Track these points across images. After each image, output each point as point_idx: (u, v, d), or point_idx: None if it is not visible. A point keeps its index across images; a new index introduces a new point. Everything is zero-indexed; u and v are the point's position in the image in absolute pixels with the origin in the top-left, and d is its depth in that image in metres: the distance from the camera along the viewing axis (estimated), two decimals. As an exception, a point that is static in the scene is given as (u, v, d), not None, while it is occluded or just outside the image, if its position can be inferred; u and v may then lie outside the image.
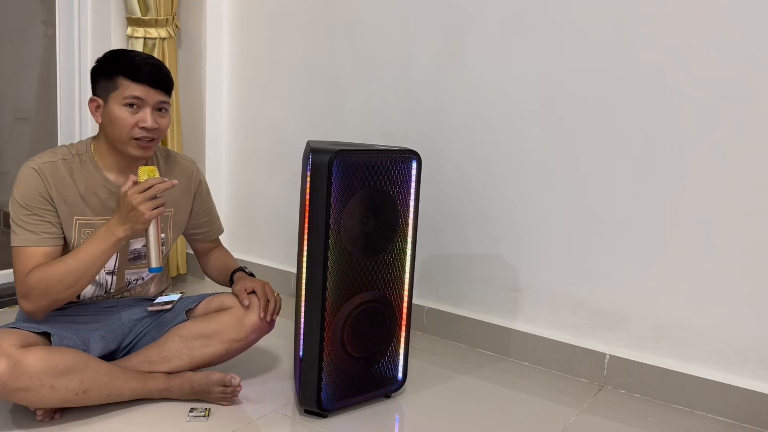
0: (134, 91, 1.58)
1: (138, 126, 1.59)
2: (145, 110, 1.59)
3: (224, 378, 1.66)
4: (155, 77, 1.60)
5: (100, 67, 1.63)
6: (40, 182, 1.58)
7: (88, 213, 1.63)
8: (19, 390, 1.43)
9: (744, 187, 1.74)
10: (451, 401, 1.83)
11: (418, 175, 1.71)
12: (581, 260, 2.00)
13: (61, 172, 1.61)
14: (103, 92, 1.61)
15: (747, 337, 1.77)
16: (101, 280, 1.69)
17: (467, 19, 2.13)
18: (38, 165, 1.59)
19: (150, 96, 1.59)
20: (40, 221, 1.57)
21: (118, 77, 1.58)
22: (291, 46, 2.57)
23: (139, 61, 1.60)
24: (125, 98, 1.58)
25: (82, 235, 1.63)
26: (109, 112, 1.59)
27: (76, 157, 1.64)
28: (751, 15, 1.68)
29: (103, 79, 1.62)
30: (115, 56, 1.63)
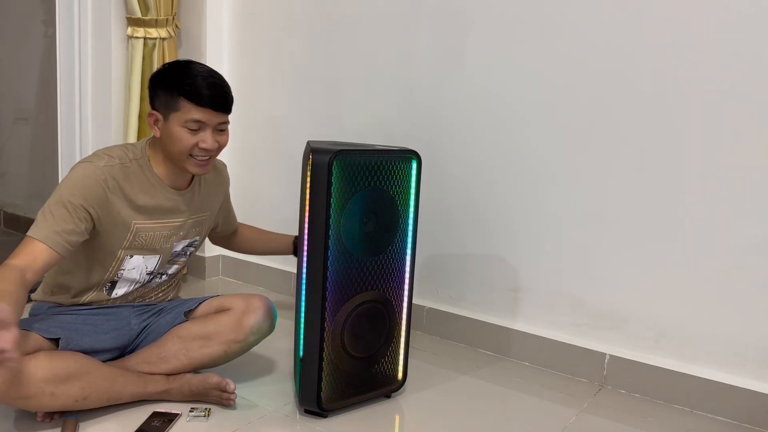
0: (196, 115, 1.56)
1: (198, 146, 1.59)
2: (206, 131, 1.59)
3: (221, 382, 1.66)
4: (217, 100, 1.58)
5: (160, 80, 1.61)
6: (101, 186, 1.55)
7: (142, 217, 1.63)
8: (20, 398, 1.43)
9: (744, 187, 1.74)
10: (451, 401, 1.83)
11: (418, 175, 1.71)
12: (581, 260, 2.00)
13: (121, 175, 1.59)
14: (162, 108, 1.60)
15: (747, 337, 1.77)
16: (140, 278, 1.71)
17: (467, 20, 2.12)
18: (101, 167, 1.55)
19: (211, 119, 1.59)
20: (69, 223, 1.50)
21: (180, 98, 1.56)
22: (291, 46, 2.57)
23: (201, 82, 1.57)
24: (186, 122, 1.57)
25: (137, 238, 1.64)
26: (169, 130, 1.58)
27: (134, 162, 1.63)
28: (751, 15, 1.68)
29: (163, 95, 1.59)
30: (176, 72, 1.60)
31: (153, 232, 1.66)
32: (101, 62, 2.59)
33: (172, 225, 1.70)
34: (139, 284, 1.72)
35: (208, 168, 1.66)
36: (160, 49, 2.52)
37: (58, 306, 1.68)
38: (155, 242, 1.68)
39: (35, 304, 1.71)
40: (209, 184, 1.81)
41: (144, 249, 1.67)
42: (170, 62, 1.67)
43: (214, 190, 1.83)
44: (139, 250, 1.66)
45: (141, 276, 1.71)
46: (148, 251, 1.68)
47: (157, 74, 1.64)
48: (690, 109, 1.79)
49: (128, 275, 1.69)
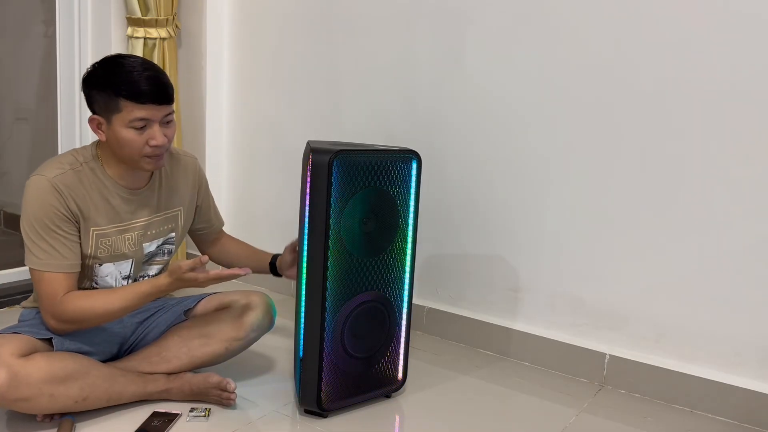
0: (140, 113, 1.50)
1: (148, 144, 1.53)
2: (153, 127, 1.53)
3: (221, 382, 1.66)
4: (158, 94, 1.52)
5: (93, 81, 1.53)
6: (58, 198, 1.51)
7: (102, 222, 1.59)
8: (19, 400, 1.43)
9: (744, 187, 1.74)
10: (451, 401, 1.83)
11: (418, 175, 1.71)
12: (581, 260, 2.00)
13: (74, 182, 1.54)
14: (103, 112, 1.53)
15: (747, 337, 1.77)
16: (117, 284, 1.66)
17: (467, 20, 2.12)
18: (52, 179, 1.51)
19: (155, 114, 1.52)
20: (65, 242, 1.52)
21: (119, 99, 1.49)
22: (291, 46, 2.57)
23: (137, 78, 1.49)
24: (131, 121, 1.50)
25: (99, 245, 1.60)
26: (115, 133, 1.52)
27: (85, 165, 1.57)
28: (751, 15, 1.68)
29: (100, 98, 1.52)
30: (109, 71, 1.52)
31: (115, 236, 1.61)
32: (101, 62, 2.58)
33: (137, 225, 1.65)
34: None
35: (162, 161, 1.59)
36: (160, 49, 2.52)
37: None
38: (121, 247, 1.63)
39: (24, 310, 1.68)
40: (173, 178, 1.73)
41: (111, 256, 1.62)
42: (99, 61, 1.56)
43: (181, 183, 1.76)
44: (107, 258, 1.62)
45: (117, 282, 1.66)
46: (117, 257, 1.63)
47: (89, 75, 1.54)
48: (690, 109, 1.79)
49: (104, 282, 1.65)
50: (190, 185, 1.78)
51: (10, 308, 2.36)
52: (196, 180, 1.81)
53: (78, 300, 1.53)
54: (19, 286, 2.42)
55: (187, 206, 1.79)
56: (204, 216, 1.87)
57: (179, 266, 1.53)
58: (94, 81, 1.53)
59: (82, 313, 1.52)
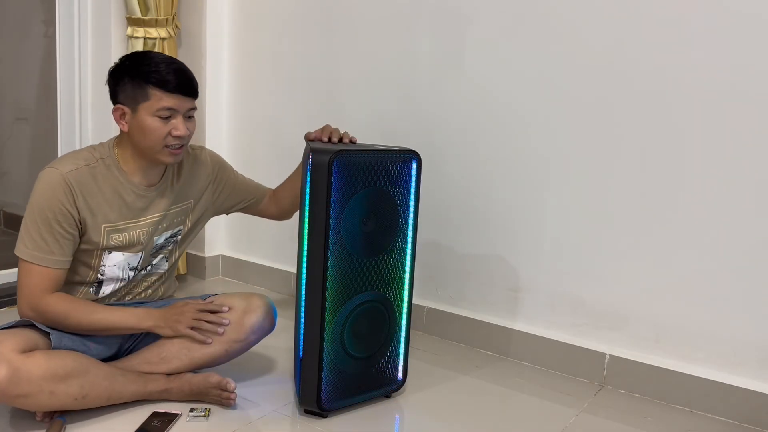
0: (167, 102, 1.55)
1: (171, 135, 1.58)
2: (177, 119, 1.58)
3: (221, 381, 1.66)
4: (186, 85, 1.58)
5: (122, 72, 1.58)
6: (67, 194, 1.54)
7: (113, 218, 1.62)
8: (19, 396, 1.43)
9: (744, 187, 1.74)
10: (451, 401, 1.83)
11: (418, 175, 1.71)
12: (581, 260, 2.00)
13: (86, 178, 1.57)
14: (129, 101, 1.57)
15: (747, 337, 1.77)
16: (124, 275, 1.70)
17: (467, 20, 2.12)
18: (65, 174, 1.54)
19: (182, 105, 1.58)
20: (60, 239, 1.55)
21: (148, 87, 1.54)
22: (291, 46, 2.57)
23: (166, 68, 1.55)
24: (158, 110, 1.55)
25: (110, 240, 1.63)
26: (140, 122, 1.56)
27: (100, 162, 1.61)
28: (751, 15, 1.68)
29: (128, 87, 1.56)
30: (139, 62, 1.57)
31: (127, 232, 1.65)
32: (101, 62, 2.58)
33: (150, 221, 1.69)
34: (124, 281, 1.71)
35: (181, 155, 1.64)
36: (160, 49, 2.52)
37: None
38: (133, 240, 1.66)
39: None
40: (187, 172, 1.77)
41: (122, 247, 1.66)
42: (128, 54, 1.63)
43: (195, 177, 1.79)
44: (118, 248, 1.66)
45: (124, 273, 1.70)
46: (128, 248, 1.67)
47: (118, 67, 1.60)
48: (690, 109, 1.79)
49: (110, 273, 1.67)
50: (203, 177, 1.82)
51: (11, 308, 2.36)
52: (208, 170, 1.83)
53: (62, 301, 1.57)
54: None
55: (201, 198, 1.81)
56: (243, 194, 1.93)
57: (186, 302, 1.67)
58: (124, 70, 1.58)
59: (64, 313, 1.56)
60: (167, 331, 1.65)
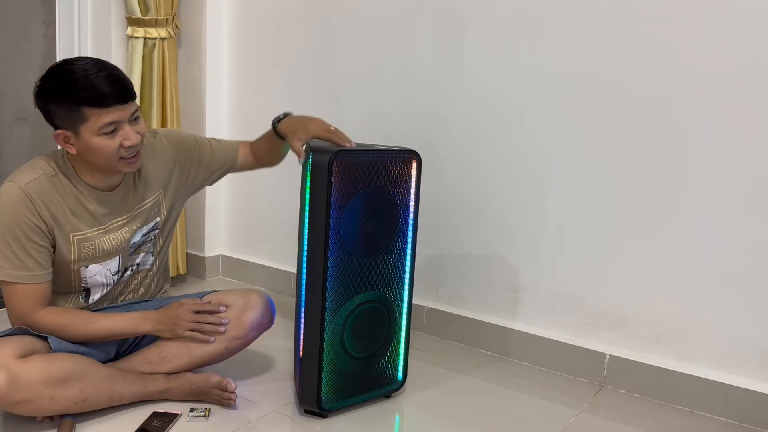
0: (107, 118, 1.45)
1: (123, 146, 1.50)
2: (124, 128, 1.49)
3: (222, 382, 1.66)
4: (121, 93, 1.46)
5: (48, 95, 1.46)
6: (29, 206, 1.49)
7: (81, 227, 1.58)
8: (19, 402, 1.43)
9: (744, 187, 1.74)
10: (451, 401, 1.83)
11: (418, 175, 1.71)
12: (581, 260, 2.00)
13: (47, 188, 1.52)
14: (68, 125, 1.47)
15: (747, 337, 1.77)
16: (108, 281, 1.68)
17: (467, 20, 2.12)
18: (23, 186, 1.49)
19: (123, 114, 1.48)
20: (33, 253, 1.50)
21: (82, 108, 1.43)
22: (291, 46, 2.57)
23: (95, 81, 1.43)
24: (101, 128, 1.46)
25: (83, 249, 1.60)
26: (86, 143, 1.48)
27: (58, 170, 1.55)
28: (751, 15, 1.68)
29: (61, 111, 1.46)
30: (63, 81, 1.44)
31: (97, 239, 1.61)
32: (101, 62, 2.58)
33: (118, 224, 1.65)
34: (110, 285, 1.69)
35: (139, 161, 1.57)
36: (160, 49, 2.52)
37: None
38: (105, 246, 1.63)
39: None
40: (146, 164, 1.68)
41: (96, 257, 1.62)
42: (46, 72, 1.48)
43: (156, 165, 1.71)
44: (91, 260, 1.62)
45: (107, 279, 1.67)
46: (102, 257, 1.63)
47: (41, 90, 1.47)
48: (690, 110, 1.79)
49: (93, 281, 1.65)
50: (165, 162, 1.73)
51: (10, 308, 2.36)
52: (168, 153, 1.74)
53: (59, 318, 1.56)
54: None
55: (169, 184, 1.75)
56: (214, 163, 1.82)
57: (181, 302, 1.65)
58: (49, 94, 1.47)
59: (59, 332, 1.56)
60: (166, 334, 1.65)
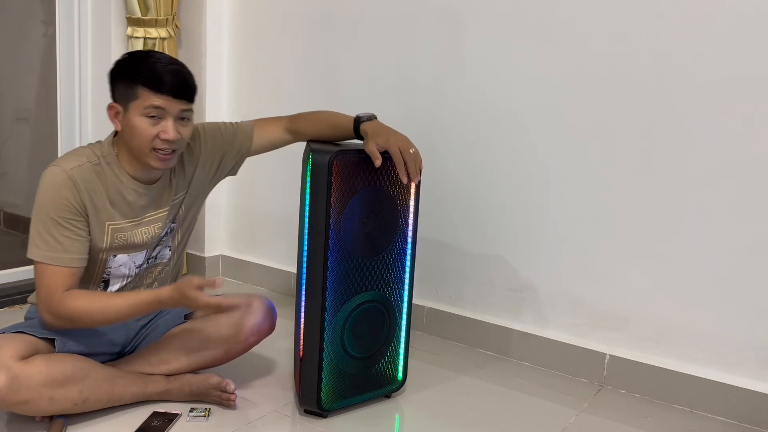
0: (155, 101, 1.50)
1: (159, 137, 1.53)
2: (167, 121, 1.53)
3: (221, 382, 1.66)
4: (178, 86, 1.53)
5: (118, 70, 1.56)
6: (72, 191, 1.51)
7: (117, 217, 1.60)
8: (19, 403, 1.43)
9: (744, 187, 1.74)
10: (451, 401, 1.83)
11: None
12: (581, 260, 2.00)
13: (90, 176, 1.54)
14: (122, 99, 1.54)
15: (747, 337, 1.77)
16: (130, 272, 1.67)
17: (467, 20, 2.12)
18: (69, 171, 1.52)
19: (172, 106, 1.52)
20: (71, 236, 1.52)
21: (138, 86, 1.51)
22: (291, 46, 2.57)
23: (160, 69, 1.51)
24: (146, 109, 1.51)
25: (115, 239, 1.60)
26: (129, 121, 1.53)
27: (102, 160, 1.58)
28: (751, 15, 1.68)
29: (122, 85, 1.54)
30: (135, 61, 1.55)
31: (131, 230, 1.62)
32: (101, 62, 2.59)
33: (152, 218, 1.66)
34: (130, 278, 1.69)
35: (170, 163, 1.58)
36: (159, 49, 2.52)
37: None
38: (136, 239, 1.64)
39: (30, 307, 1.68)
40: (187, 163, 1.71)
41: (126, 248, 1.63)
42: (129, 52, 1.60)
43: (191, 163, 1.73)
44: (121, 249, 1.63)
45: (130, 270, 1.67)
46: (132, 249, 1.64)
47: (116, 65, 1.57)
48: (690, 111, 1.79)
49: (117, 272, 1.65)
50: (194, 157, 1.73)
51: (11, 308, 2.36)
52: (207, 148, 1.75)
53: (77, 300, 1.52)
54: (19, 286, 2.42)
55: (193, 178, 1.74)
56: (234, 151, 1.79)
57: (189, 281, 1.52)
58: (119, 69, 1.56)
59: (79, 313, 1.52)
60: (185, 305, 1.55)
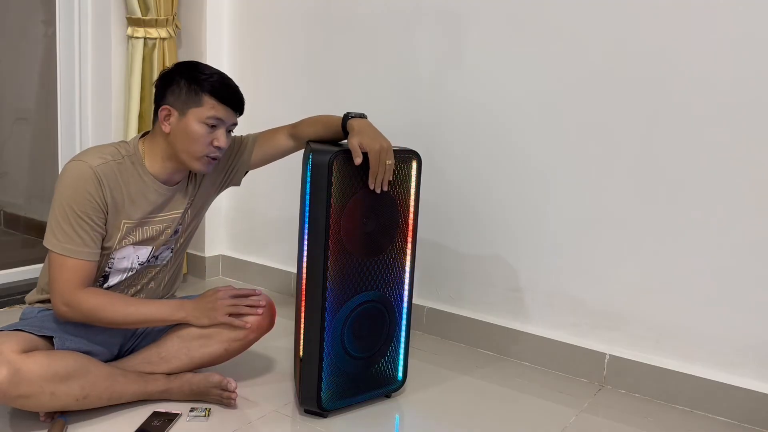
0: (219, 112, 1.59)
1: (213, 144, 1.61)
2: (221, 130, 1.62)
3: (222, 381, 1.66)
4: (237, 101, 1.64)
5: (177, 75, 1.61)
6: (97, 186, 1.55)
7: (134, 216, 1.63)
8: (20, 397, 1.43)
9: (744, 187, 1.74)
10: (451, 401, 1.83)
11: (418, 175, 1.71)
12: (581, 260, 2.00)
13: (113, 173, 1.58)
14: (179, 104, 1.59)
15: (747, 337, 1.77)
16: (132, 265, 1.69)
17: (467, 21, 2.12)
18: (94, 167, 1.55)
19: (230, 117, 1.63)
20: (90, 232, 1.55)
21: (204, 94, 1.58)
22: (291, 46, 2.57)
23: (221, 80, 1.61)
24: (209, 118, 1.59)
25: (127, 236, 1.63)
26: (186, 126, 1.59)
27: (126, 159, 1.62)
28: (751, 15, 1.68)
29: (182, 90, 1.59)
30: (197, 70, 1.62)
31: (145, 227, 1.66)
32: (101, 62, 2.59)
33: (170, 217, 1.70)
34: (131, 272, 1.70)
35: (211, 167, 1.67)
36: (160, 49, 2.52)
37: (48, 310, 1.66)
38: (147, 235, 1.67)
39: (26, 308, 1.70)
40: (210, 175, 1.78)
41: (135, 243, 1.66)
42: (182, 61, 1.67)
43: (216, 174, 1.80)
44: (131, 243, 1.66)
45: (132, 264, 1.69)
46: (141, 243, 1.67)
47: (173, 70, 1.63)
48: (690, 110, 1.79)
49: (119, 265, 1.67)
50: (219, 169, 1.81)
51: (10, 308, 2.36)
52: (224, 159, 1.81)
53: (96, 296, 1.57)
54: (19, 286, 2.42)
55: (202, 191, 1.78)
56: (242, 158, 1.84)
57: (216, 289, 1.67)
58: (180, 73, 1.62)
59: (97, 311, 1.57)
60: (204, 321, 1.67)
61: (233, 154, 1.83)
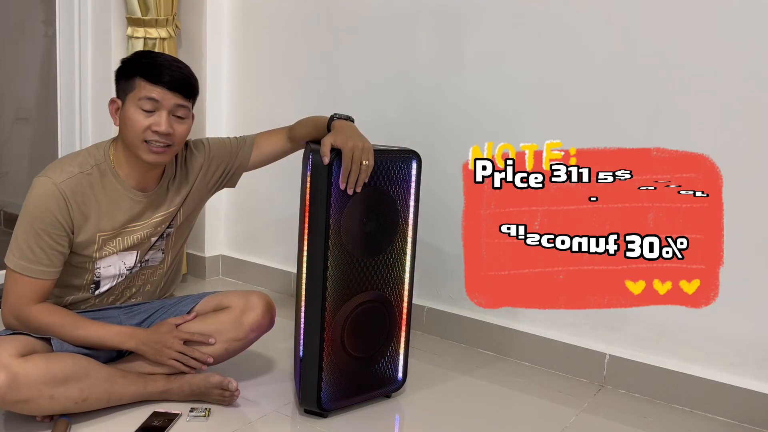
0: (150, 92, 1.52)
1: (151, 129, 1.53)
2: (160, 113, 1.54)
3: (222, 381, 1.66)
4: (174, 79, 1.54)
5: (122, 67, 1.59)
6: (61, 205, 1.52)
7: (108, 227, 1.60)
8: (19, 401, 1.43)
9: (744, 187, 1.74)
10: (451, 401, 1.83)
11: (418, 175, 1.71)
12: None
13: (81, 187, 1.55)
14: (122, 93, 1.57)
15: (747, 337, 1.77)
16: (120, 272, 1.67)
17: (467, 21, 2.12)
18: (59, 184, 1.52)
19: (167, 99, 1.54)
20: (47, 250, 1.52)
21: (136, 78, 1.53)
22: (291, 46, 2.57)
23: (159, 62, 1.55)
24: (140, 99, 1.52)
25: (104, 247, 1.61)
26: (125, 113, 1.55)
27: (95, 168, 1.58)
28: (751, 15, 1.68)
29: (123, 80, 1.57)
30: (137, 56, 1.60)
31: (123, 236, 1.63)
32: (101, 62, 2.59)
33: (147, 224, 1.66)
34: (121, 278, 1.69)
35: (162, 158, 1.57)
36: (160, 49, 2.52)
37: None
38: (128, 243, 1.65)
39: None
40: (186, 172, 1.73)
41: (116, 252, 1.64)
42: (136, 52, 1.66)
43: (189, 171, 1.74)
44: (112, 253, 1.64)
45: (120, 270, 1.68)
46: (123, 251, 1.65)
47: (120, 63, 1.61)
48: (690, 110, 1.79)
49: (106, 272, 1.66)
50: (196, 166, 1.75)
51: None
52: (201, 158, 1.76)
53: (49, 317, 1.56)
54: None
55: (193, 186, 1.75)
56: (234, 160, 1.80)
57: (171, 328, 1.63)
58: (122, 64, 1.59)
59: (46, 331, 1.55)
60: (149, 356, 1.63)
61: (232, 154, 1.81)
